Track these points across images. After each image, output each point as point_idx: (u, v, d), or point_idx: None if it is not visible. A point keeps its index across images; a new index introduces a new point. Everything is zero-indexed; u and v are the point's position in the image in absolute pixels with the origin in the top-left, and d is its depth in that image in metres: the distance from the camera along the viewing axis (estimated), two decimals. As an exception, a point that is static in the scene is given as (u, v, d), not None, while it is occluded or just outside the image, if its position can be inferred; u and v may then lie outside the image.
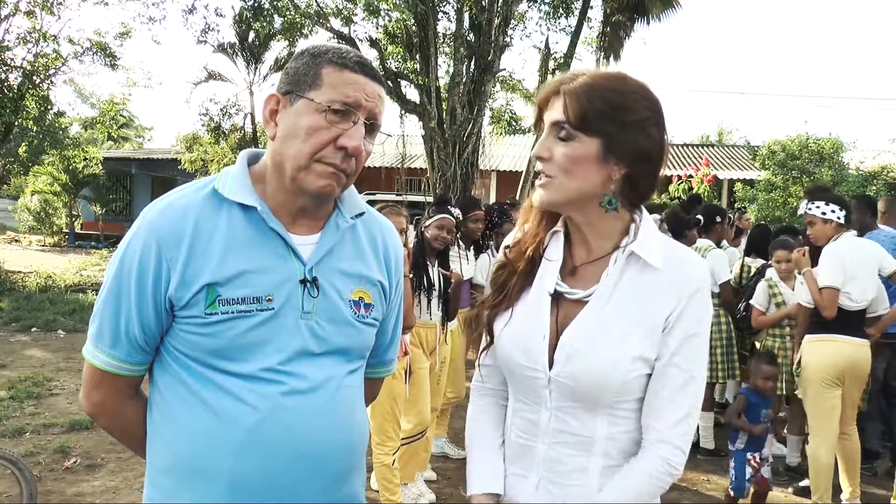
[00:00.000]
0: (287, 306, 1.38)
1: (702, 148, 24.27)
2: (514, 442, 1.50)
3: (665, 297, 1.37)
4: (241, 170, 1.45)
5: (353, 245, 1.51)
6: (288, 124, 1.38)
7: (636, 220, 1.44)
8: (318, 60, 1.39)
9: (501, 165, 20.25)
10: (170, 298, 1.35)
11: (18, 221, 24.92)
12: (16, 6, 12.91)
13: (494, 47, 11.98)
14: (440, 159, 11.95)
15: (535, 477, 1.44)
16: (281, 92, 1.41)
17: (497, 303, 1.50)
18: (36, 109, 13.90)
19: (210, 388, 1.36)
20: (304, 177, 1.37)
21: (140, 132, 41.45)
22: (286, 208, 1.43)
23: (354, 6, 12.36)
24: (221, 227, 1.38)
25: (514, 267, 1.50)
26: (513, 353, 1.45)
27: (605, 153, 1.35)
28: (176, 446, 1.39)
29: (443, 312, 4.48)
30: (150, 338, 1.40)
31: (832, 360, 4.07)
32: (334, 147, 1.36)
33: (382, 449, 3.85)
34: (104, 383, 1.44)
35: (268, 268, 1.38)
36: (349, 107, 1.36)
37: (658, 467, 1.38)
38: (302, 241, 1.43)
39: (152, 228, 1.37)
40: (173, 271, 1.35)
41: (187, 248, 1.35)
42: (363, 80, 1.39)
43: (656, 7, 14.22)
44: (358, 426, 1.50)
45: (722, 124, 38.67)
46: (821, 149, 13.62)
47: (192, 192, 1.43)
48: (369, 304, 1.50)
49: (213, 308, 1.34)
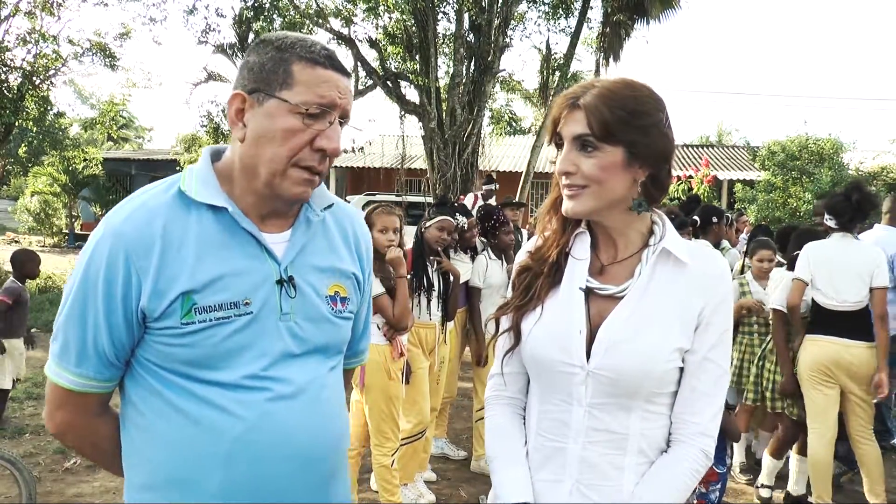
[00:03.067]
0: (266, 308, 1.33)
1: (702, 148, 24.27)
2: (541, 446, 1.48)
3: (697, 292, 1.41)
4: (206, 168, 1.38)
5: (325, 239, 1.47)
6: (259, 126, 1.31)
7: (658, 220, 1.48)
8: (286, 56, 1.31)
9: (501, 166, 20.26)
10: (142, 310, 1.28)
11: (18, 222, 24.92)
12: (16, 7, 12.91)
13: (494, 48, 11.99)
14: (440, 160, 11.96)
15: (569, 480, 1.43)
16: (247, 90, 1.32)
17: (524, 303, 1.50)
18: (36, 110, 13.90)
19: (191, 400, 1.30)
20: (280, 182, 1.32)
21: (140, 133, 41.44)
22: (257, 208, 1.37)
23: (354, 6, 12.37)
24: (192, 230, 1.30)
25: (539, 269, 1.51)
26: (548, 349, 1.44)
27: (629, 159, 1.38)
28: (157, 461, 1.33)
29: (442, 312, 4.48)
30: (121, 352, 1.33)
31: (815, 359, 4.11)
32: (311, 149, 1.31)
33: (381, 450, 3.85)
34: (70, 403, 1.36)
35: (243, 270, 1.32)
36: (325, 107, 1.31)
37: (699, 460, 1.41)
38: (274, 239, 1.38)
39: (118, 236, 1.28)
40: (144, 281, 1.27)
41: (158, 255, 1.27)
42: (335, 76, 1.33)
43: (656, 7, 14.21)
44: (342, 425, 1.48)
45: (722, 125, 38.73)
46: (820, 149, 13.63)
47: (157, 193, 1.35)
48: (345, 298, 1.47)
49: (189, 317, 1.28)
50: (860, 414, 4.14)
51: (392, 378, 3.82)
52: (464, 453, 5.11)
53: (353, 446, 3.99)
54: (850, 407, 4.13)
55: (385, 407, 3.82)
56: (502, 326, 1.54)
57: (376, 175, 17.50)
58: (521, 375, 1.56)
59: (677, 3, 14.38)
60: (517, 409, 1.57)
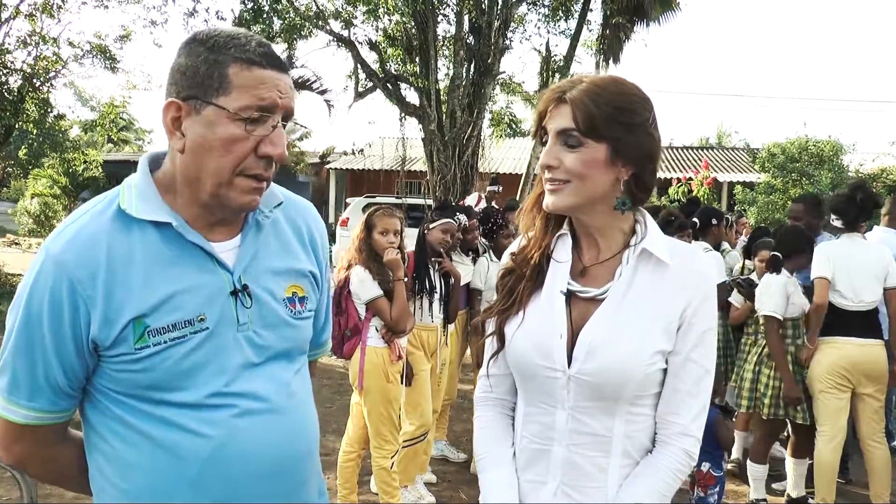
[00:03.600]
0: (222, 322, 1.27)
1: (701, 150, 24.31)
2: (526, 448, 1.48)
3: (679, 292, 1.40)
4: (144, 182, 1.30)
5: (278, 239, 1.40)
6: (198, 136, 1.22)
7: (641, 219, 1.47)
8: (220, 57, 1.22)
9: (501, 168, 20.28)
10: (93, 339, 1.22)
11: (18, 224, 24.91)
12: (16, 9, 12.92)
13: (494, 50, 11.99)
14: (440, 162, 11.96)
15: (553, 482, 1.44)
16: (181, 97, 1.23)
17: (507, 307, 1.50)
18: (36, 112, 13.89)
19: (154, 423, 1.25)
20: (226, 193, 1.25)
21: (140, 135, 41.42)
22: (203, 219, 1.30)
23: (354, 9, 12.37)
24: (137, 250, 1.24)
25: (521, 271, 1.51)
26: (529, 354, 1.44)
27: (613, 156, 1.37)
28: (124, 486, 1.27)
29: (443, 315, 4.49)
30: (75, 382, 1.27)
31: (834, 361, 4.08)
32: (256, 156, 1.24)
33: (381, 452, 3.85)
34: (25, 437, 1.29)
35: (195, 286, 1.26)
36: (266, 112, 1.23)
37: (682, 461, 1.41)
38: (223, 247, 1.31)
39: (59, 264, 1.21)
40: (93, 310, 1.21)
41: (104, 282, 1.21)
42: (274, 75, 1.25)
43: (656, 9, 14.20)
44: (312, 430, 1.44)
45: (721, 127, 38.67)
46: (820, 151, 13.64)
47: (95, 215, 1.28)
48: (304, 298, 1.41)
49: (142, 342, 1.22)
50: (873, 415, 4.15)
51: (391, 381, 3.82)
52: (464, 455, 5.10)
53: (353, 449, 4.00)
54: (863, 408, 4.13)
55: (384, 409, 3.82)
56: (487, 330, 1.55)
57: (376, 177, 17.51)
58: (507, 377, 1.56)
59: (677, 6, 14.38)
60: (505, 410, 1.58)
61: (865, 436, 4.17)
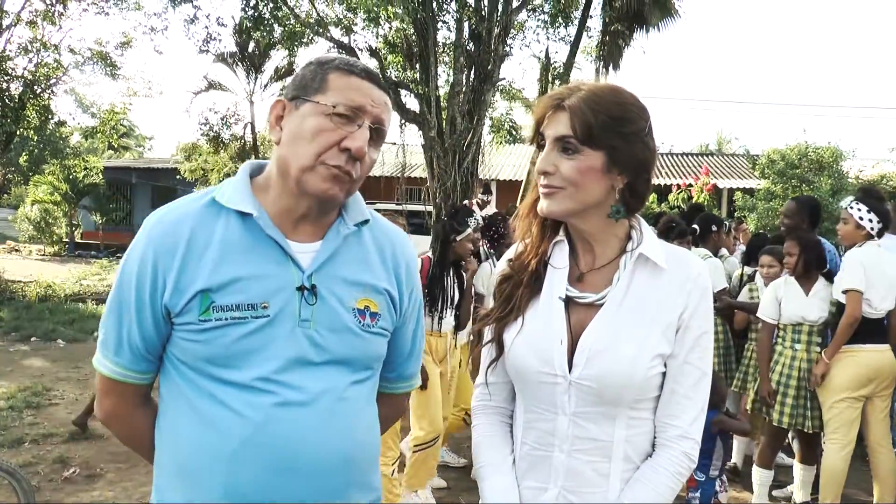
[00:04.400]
0: (283, 314, 1.36)
1: (701, 157, 24.31)
2: (527, 455, 1.48)
3: (676, 296, 1.41)
4: (241, 179, 1.45)
5: (358, 252, 1.48)
6: (293, 127, 1.39)
7: (636, 226, 1.48)
8: (325, 67, 1.41)
9: (501, 174, 20.27)
10: (166, 306, 1.36)
11: (18, 231, 24.91)
12: (17, 16, 12.96)
13: (494, 57, 12.00)
14: (440, 168, 11.95)
15: (554, 488, 1.44)
16: (287, 97, 1.42)
17: (505, 314, 1.50)
18: (37, 119, 13.93)
19: (204, 398, 1.35)
20: (307, 178, 1.37)
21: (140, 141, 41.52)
22: (289, 214, 1.42)
23: (354, 16, 12.39)
24: (217, 234, 1.38)
25: (519, 278, 1.51)
26: (528, 360, 1.44)
27: (609, 165, 1.38)
28: (175, 454, 1.39)
29: (455, 321, 4.49)
30: (152, 346, 1.40)
31: (858, 371, 4.05)
32: (338, 149, 1.36)
33: (382, 459, 3.84)
34: (112, 391, 1.45)
35: (263, 275, 1.37)
36: (355, 110, 1.37)
37: (682, 463, 1.42)
38: (302, 248, 1.42)
39: (150, 238, 1.38)
40: (168, 279, 1.35)
41: (182, 255, 1.35)
42: (368, 86, 1.41)
43: (655, 16, 14.25)
44: (360, 439, 1.45)
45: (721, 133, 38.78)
46: (820, 158, 13.63)
47: (191, 201, 1.44)
48: (376, 314, 1.46)
49: (206, 315, 1.34)
50: (882, 421, 4.16)
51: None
52: (464, 461, 5.09)
53: None
54: (875, 414, 4.14)
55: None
56: (485, 337, 1.54)
57: (376, 184, 17.49)
58: (506, 385, 1.56)
59: (676, 13, 14.44)
60: (503, 418, 1.58)
61: (875, 441, 4.15)
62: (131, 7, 14.53)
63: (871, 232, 4.11)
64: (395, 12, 11.21)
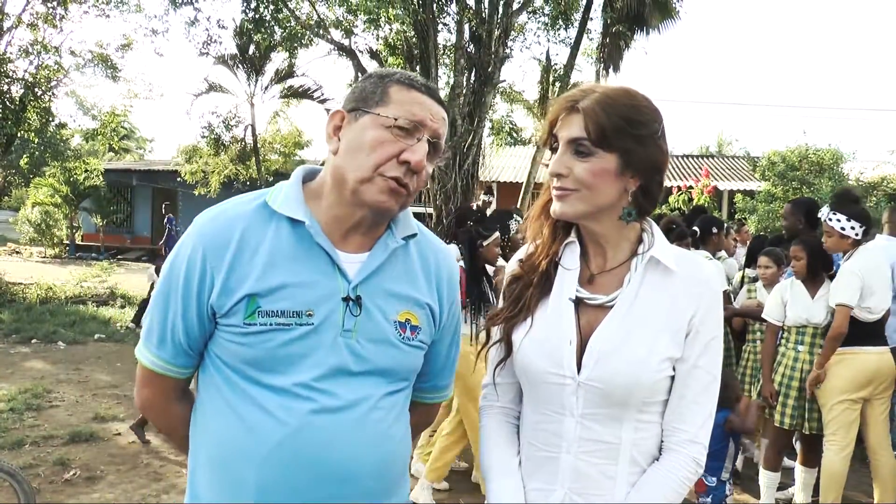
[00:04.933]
0: (327, 323, 1.37)
1: (702, 159, 24.31)
2: (533, 456, 1.48)
3: (686, 300, 1.41)
4: (294, 185, 1.45)
5: (403, 266, 1.49)
6: (352, 138, 1.39)
7: (648, 228, 1.48)
8: (386, 80, 1.42)
9: (502, 177, 20.28)
10: (212, 305, 1.37)
11: (19, 233, 24.93)
12: (18, 18, 12.98)
13: (494, 59, 12.02)
14: (440, 170, 11.95)
15: (560, 490, 1.43)
16: (347, 109, 1.43)
17: (514, 314, 1.50)
18: (37, 121, 13.95)
19: (242, 399, 1.36)
20: (365, 189, 1.37)
21: (141, 144, 41.51)
22: (340, 224, 1.43)
23: (355, 18, 12.41)
24: (267, 239, 1.38)
25: (529, 279, 1.51)
26: (537, 361, 1.44)
27: (622, 167, 1.39)
28: (209, 450, 1.41)
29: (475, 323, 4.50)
30: (194, 342, 1.42)
31: (857, 375, 4.05)
32: (397, 161, 1.37)
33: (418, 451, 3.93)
34: (151, 382, 1.47)
35: (310, 283, 1.38)
36: (415, 124, 1.38)
37: (689, 468, 1.41)
38: (350, 258, 1.42)
39: (201, 235, 1.39)
40: (217, 278, 1.36)
41: (231, 256, 1.37)
42: (429, 101, 1.42)
43: (655, 18, 14.27)
44: (393, 447, 1.45)
45: (722, 135, 38.84)
46: (820, 159, 13.64)
47: (244, 202, 1.45)
48: (416, 327, 1.47)
49: (252, 318, 1.35)
50: (882, 424, 4.16)
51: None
52: (465, 464, 5.08)
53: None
54: (875, 417, 4.13)
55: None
56: (493, 337, 1.54)
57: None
58: (513, 385, 1.55)
59: (676, 14, 14.45)
60: (510, 419, 1.57)
61: (875, 444, 4.15)
62: (132, 9, 14.57)
63: (857, 238, 4.09)
64: (396, 14, 11.23)
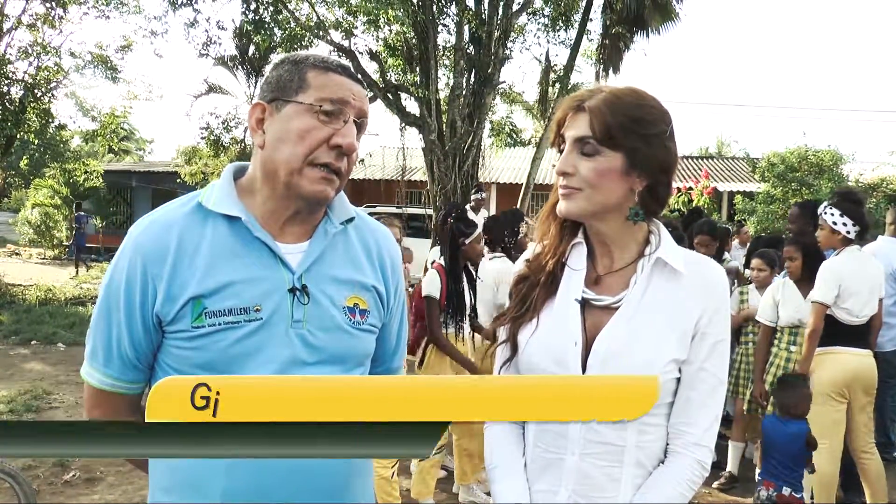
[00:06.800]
0: (276, 316, 1.36)
1: (701, 160, 24.32)
2: (539, 457, 1.47)
3: (693, 302, 1.40)
4: (226, 182, 1.44)
5: (345, 251, 1.49)
6: (278, 129, 1.37)
7: (655, 230, 1.48)
8: (301, 66, 1.40)
9: (501, 178, 20.30)
10: (157, 314, 1.35)
11: (19, 234, 24.91)
12: (18, 19, 12.98)
13: (494, 60, 12.03)
14: (440, 172, 11.97)
15: (565, 491, 1.43)
16: (266, 100, 1.40)
17: (521, 314, 1.50)
18: (37, 122, 13.94)
19: None
20: (298, 180, 1.36)
21: (140, 145, 41.49)
22: (276, 216, 1.42)
23: (355, 19, 12.41)
24: (206, 239, 1.37)
25: (535, 279, 1.51)
26: (542, 362, 1.44)
27: (628, 167, 1.38)
28: (172, 464, 1.38)
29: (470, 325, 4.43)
30: (142, 355, 1.39)
31: (837, 374, 4.04)
32: (328, 146, 1.36)
33: (381, 462, 3.83)
34: (102, 402, 1.44)
35: (254, 278, 1.36)
36: (339, 106, 1.37)
37: (695, 471, 1.40)
38: (290, 249, 1.41)
39: (137, 245, 1.37)
40: (159, 287, 1.34)
41: (171, 263, 1.34)
42: (348, 81, 1.40)
43: (655, 20, 14.26)
44: None
45: (721, 136, 38.80)
46: (820, 161, 13.64)
47: (176, 207, 1.43)
48: (365, 311, 1.47)
49: (199, 321, 1.33)
50: (864, 427, 4.14)
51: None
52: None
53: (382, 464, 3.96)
54: (858, 419, 4.12)
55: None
56: (500, 337, 1.54)
57: (377, 187, 17.52)
58: None
59: (676, 16, 14.44)
60: None
61: (858, 448, 4.14)
62: (131, 11, 14.57)
63: (848, 236, 4.04)
64: (396, 15, 11.23)
